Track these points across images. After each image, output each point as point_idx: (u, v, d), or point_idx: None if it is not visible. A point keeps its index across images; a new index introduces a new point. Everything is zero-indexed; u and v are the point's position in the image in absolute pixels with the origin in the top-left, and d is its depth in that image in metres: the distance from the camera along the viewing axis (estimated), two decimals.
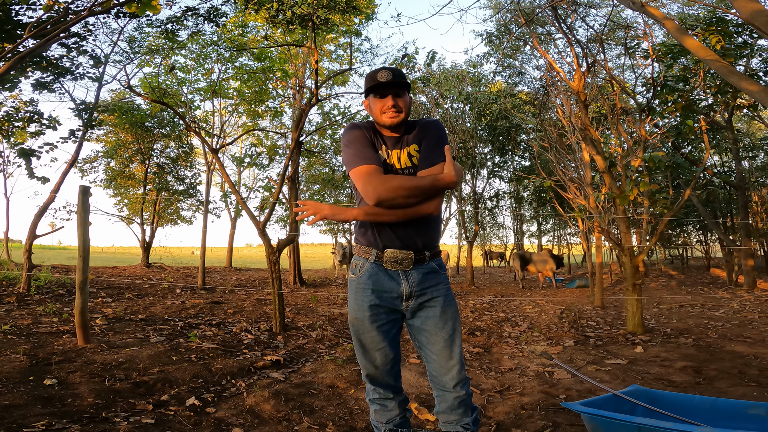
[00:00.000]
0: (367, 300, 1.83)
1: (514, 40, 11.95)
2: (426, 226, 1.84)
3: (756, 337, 5.03)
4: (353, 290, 1.88)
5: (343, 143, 1.86)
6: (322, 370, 3.69)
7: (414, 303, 1.83)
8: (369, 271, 1.85)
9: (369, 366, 1.89)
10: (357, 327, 1.87)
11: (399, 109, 1.78)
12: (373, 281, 1.83)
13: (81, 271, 3.99)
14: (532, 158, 14.17)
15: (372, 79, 1.79)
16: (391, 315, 1.86)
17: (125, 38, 9.04)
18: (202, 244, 10.43)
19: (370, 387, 1.95)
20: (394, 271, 1.82)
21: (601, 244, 8.76)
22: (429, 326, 1.82)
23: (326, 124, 12.90)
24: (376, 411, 1.94)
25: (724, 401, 2.41)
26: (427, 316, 1.83)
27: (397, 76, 1.76)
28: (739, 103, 5.49)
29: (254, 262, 25.55)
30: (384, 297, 1.83)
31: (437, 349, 1.81)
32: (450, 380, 1.81)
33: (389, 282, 1.82)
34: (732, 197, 13.84)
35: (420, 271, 1.83)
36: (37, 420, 2.50)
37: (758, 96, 2.87)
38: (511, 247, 22.77)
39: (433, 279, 1.85)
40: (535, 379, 3.57)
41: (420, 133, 1.85)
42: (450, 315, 1.84)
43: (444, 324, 1.82)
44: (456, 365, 1.81)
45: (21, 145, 8.35)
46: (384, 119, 1.79)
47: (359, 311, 1.85)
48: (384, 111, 1.78)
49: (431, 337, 1.82)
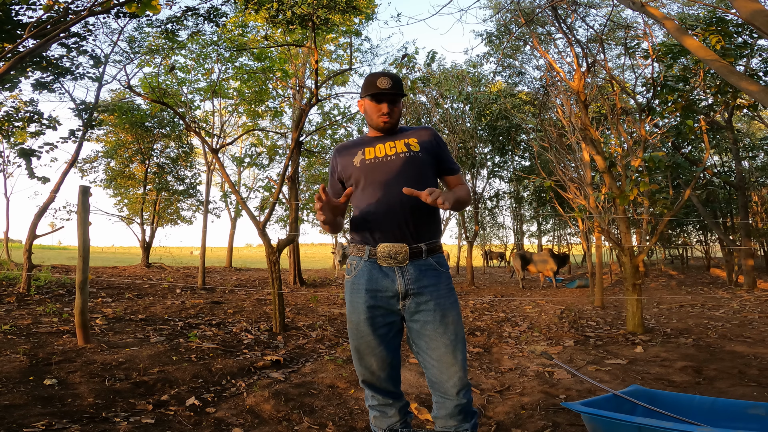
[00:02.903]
0: (362, 301, 1.78)
1: (514, 40, 11.95)
2: (420, 217, 1.78)
3: (756, 337, 5.03)
4: (347, 292, 1.85)
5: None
6: (322, 370, 3.69)
7: (411, 303, 1.75)
8: (362, 270, 1.80)
9: (365, 372, 1.82)
10: (352, 330, 1.81)
11: (392, 115, 1.85)
12: (366, 280, 1.78)
13: (81, 271, 3.99)
14: (532, 158, 14.18)
15: (371, 84, 1.81)
16: (388, 317, 1.79)
17: (125, 38, 9.05)
18: (202, 244, 10.43)
19: (368, 393, 1.89)
20: (389, 267, 1.76)
21: (601, 244, 8.75)
22: (428, 331, 1.74)
23: (326, 124, 12.90)
24: (376, 417, 1.88)
25: (724, 401, 2.41)
26: (426, 321, 1.74)
27: (395, 86, 1.81)
28: (739, 103, 5.49)
29: (254, 262, 25.55)
30: (379, 297, 1.77)
31: (438, 355, 1.73)
32: (452, 387, 1.73)
33: (383, 280, 1.76)
34: (732, 197, 13.84)
35: (417, 268, 1.76)
36: (37, 420, 2.50)
37: (758, 96, 2.87)
38: (511, 247, 22.77)
39: (431, 277, 1.77)
40: (535, 379, 3.57)
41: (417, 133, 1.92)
42: (452, 319, 1.75)
43: (445, 329, 1.73)
44: (459, 372, 1.73)
45: (21, 145, 8.35)
46: (378, 122, 1.86)
47: (354, 313, 1.80)
48: (379, 116, 1.84)
49: (431, 343, 1.74)
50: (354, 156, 1.88)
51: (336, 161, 1.94)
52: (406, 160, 1.81)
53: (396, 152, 1.83)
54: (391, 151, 1.83)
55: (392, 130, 1.90)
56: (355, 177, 1.85)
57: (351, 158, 1.89)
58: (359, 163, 1.85)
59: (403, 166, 1.80)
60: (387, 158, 1.82)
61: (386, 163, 1.81)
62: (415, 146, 1.84)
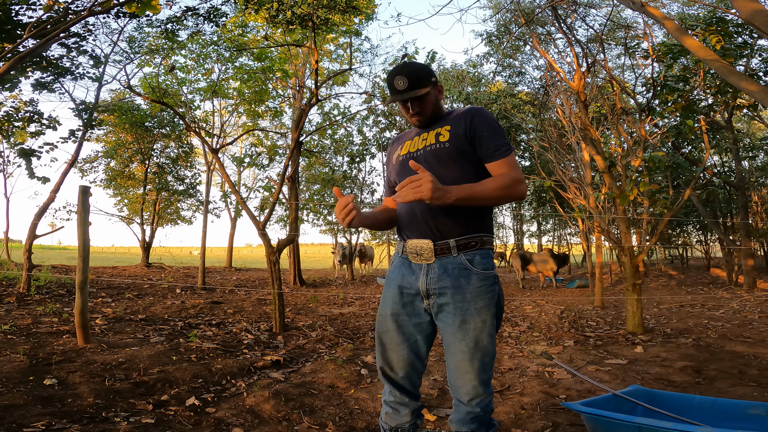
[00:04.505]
0: (390, 296, 1.73)
1: (514, 40, 11.96)
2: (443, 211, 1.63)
3: (756, 337, 5.03)
4: (384, 285, 1.82)
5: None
6: (322, 370, 3.69)
7: (434, 303, 1.65)
8: (396, 265, 1.76)
9: (384, 365, 1.76)
10: (379, 323, 1.77)
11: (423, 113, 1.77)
12: (397, 275, 1.74)
13: (81, 271, 3.99)
14: (532, 158, 14.17)
15: (390, 86, 1.73)
16: (415, 317, 1.69)
17: (125, 38, 9.05)
18: (202, 244, 10.43)
19: (387, 387, 1.82)
20: (417, 264, 1.69)
21: (601, 244, 8.76)
22: (448, 335, 1.64)
23: (326, 124, 12.90)
24: (388, 414, 1.81)
25: (724, 401, 2.41)
26: (446, 323, 1.63)
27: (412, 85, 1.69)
28: (739, 103, 5.49)
29: (254, 262, 25.55)
30: (405, 293, 1.71)
31: (455, 361, 1.64)
32: (465, 394, 1.64)
33: (409, 276, 1.69)
34: (732, 197, 13.84)
35: (443, 266, 1.64)
36: (37, 420, 2.50)
37: (758, 96, 2.87)
38: (511, 247, 22.78)
39: (457, 277, 1.62)
40: (535, 379, 3.57)
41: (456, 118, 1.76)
42: (474, 326, 1.60)
43: (464, 335, 1.60)
44: (473, 380, 1.61)
45: (21, 145, 8.35)
46: (412, 121, 1.82)
47: (382, 307, 1.77)
48: (408, 117, 1.81)
49: (450, 347, 1.64)
50: (395, 152, 1.89)
51: (389, 155, 1.96)
52: (433, 153, 1.72)
53: (425, 145, 1.76)
54: (422, 144, 1.77)
55: (431, 122, 1.81)
56: (394, 174, 1.86)
57: (393, 155, 1.90)
58: (395, 161, 1.86)
59: (429, 160, 1.72)
60: (417, 153, 1.77)
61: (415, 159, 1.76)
62: (444, 136, 1.73)
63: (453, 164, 1.69)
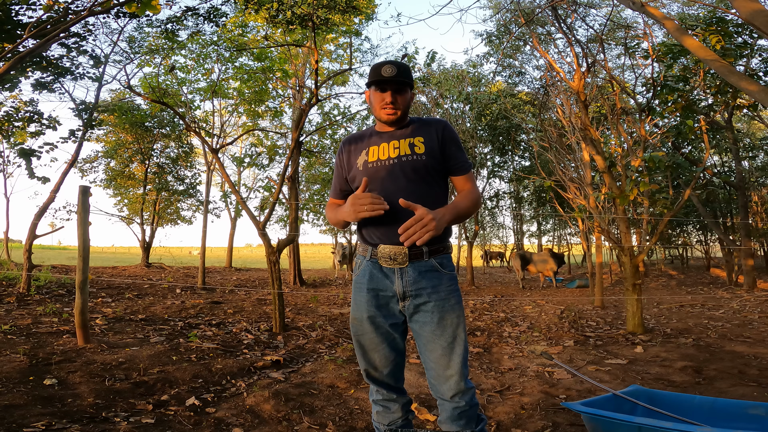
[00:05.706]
0: (364, 300, 1.77)
1: (514, 40, 11.96)
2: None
3: (756, 337, 5.03)
4: (353, 290, 1.85)
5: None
6: (322, 370, 3.69)
7: (410, 304, 1.73)
8: (365, 269, 1.79)
9: (368, 366, 1.82)
10: (355, 327, 1.81)
11: (397, 105, 1.76)
12: (368, 279, 1.77)
13: (81, 271, 3.99)
14: (532, 158, 14.18)
15: (375, 73, 1.74)
16: (390, 318, 1.77)
17: (125, 38, 9.05)
18: (202, 244, 10.43)
19: (373, 388, 1.89)
20: (389, 268, 1.74)
21: (601, 244, 8.76)
22: (426, 332, 1.72)
23: (326, 124, 12.91)
24: (379, 413, 1.87)
25: (724, 401, 2.41)
26: (424, 322, 1.72)
27: (401, 74, 1.73)
28: (739, 103, 5.49)
29: (254, 262, 25.55)
30: (380, 296, 1.76)
31: (435, 357, 1.71)
32: (447, 390, 1.71)
33: (383, 280, 1.75)
34: (732, 197, 13.84)
35: (417, 269, 1.72)
36: (37, 420, 2.50)
37: (758, 96, 2.87)
38: (511, 247, 22.78)
39: (432, 279, 1.73)
40: (535, 379, 3.57)
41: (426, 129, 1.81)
42: (450, 321, 1.71)
43: (443, 331, 1.70)
44: (454, 375, 1.70)
45: (21, 145, 8.34)
46: (381, 114, 1.78)
47: (356, 311, 1.80)
48: (383, 107, 1.77)
49: (428, 344, 1.72)
50: (358, 156, 1.84)
51: (342, 157, 1.90)
52: (410, 165, 1.75)
53: (399, 155, 1.76)
54: (395, 153, 1.77)
55: (399, 123, 1.81)
56: (358, 180, 1.81)
57: (355, 158, 1.85)
58: (362, 166, 1.81)
59: (405, 171, 1.75)
60: (390, 161, 1.77)
61: (388, 168, 1.77)
62: (420, 148, 1.77)
63: (429, 178, 1.78)
